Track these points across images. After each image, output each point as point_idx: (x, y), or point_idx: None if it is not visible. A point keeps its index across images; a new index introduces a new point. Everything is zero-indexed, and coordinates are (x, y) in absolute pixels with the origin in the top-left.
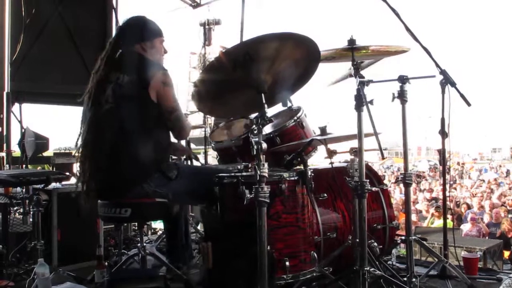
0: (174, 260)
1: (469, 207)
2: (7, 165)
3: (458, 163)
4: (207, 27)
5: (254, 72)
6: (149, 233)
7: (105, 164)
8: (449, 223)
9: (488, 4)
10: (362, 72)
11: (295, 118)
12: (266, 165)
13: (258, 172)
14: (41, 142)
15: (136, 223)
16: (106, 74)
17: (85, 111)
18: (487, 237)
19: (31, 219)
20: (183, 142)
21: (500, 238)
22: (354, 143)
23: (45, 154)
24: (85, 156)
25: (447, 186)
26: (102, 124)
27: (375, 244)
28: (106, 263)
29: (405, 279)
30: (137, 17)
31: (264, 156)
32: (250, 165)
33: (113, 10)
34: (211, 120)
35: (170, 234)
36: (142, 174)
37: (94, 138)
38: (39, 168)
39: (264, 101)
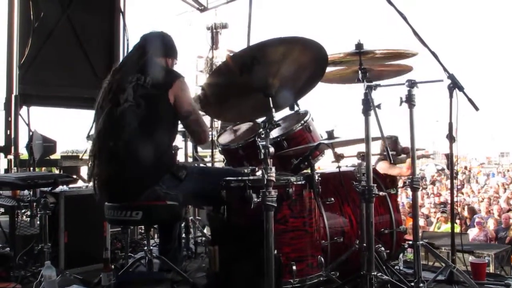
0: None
1: (474, 212)
2: (15, 168)
3: (466, 168)
4: (214, 30)
5: (261, 76)
6: (156, 236)
7: (120, 165)
8: (456, 228)
9: (496, 8)
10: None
11: (302, 122)
12: (273, 169)
13: (266, 176)
14: (49, 145)
15: (143, 226)
16: (127, 74)
17: (102, 107)
18: (496, 242)
19: (38, 222)
20: (190, 145)
21: (510, 244)
22: (362, 147)
23: (53, 157)
24: (99, 153)
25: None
26: (119, 122)
27: (382, 248)
28: (113, 266)
29: (412, 284)
30: (166, 34)
31: (271, 160)
32: (257, 169)
33: (120, 13)
34: (218, 123)
35: (165, 236)
36: (155, 176)
37: (110, 136)
38: (43, 169)
39: (271, 105)
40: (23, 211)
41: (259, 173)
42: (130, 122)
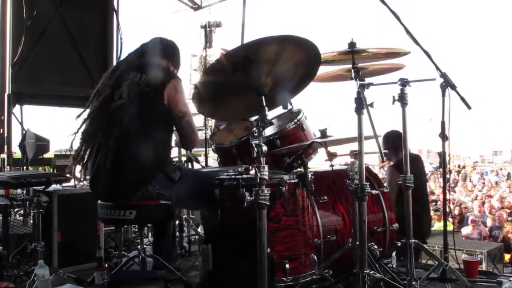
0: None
1: (461, 210)
2: (8, 167)
3: (459, 166)
4: (208, 29)
5: (255, 75)
6: (149, 235)
7: (111, 163)
8: (449, 226)
9: (488, 6)
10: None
11: (296, 120)
12: (266, 167)
13: (259, 174)
14: (42, 144)
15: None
16: (124, 72)
17: (94, 103)
18: (490, 240)
19: (31, 221)
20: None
21: (502, 242)
22: (354, 146)
23: (46, 155)
24: (89, 150)
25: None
26: (112, 118)
27: (375, 247)
28: (106, 265)
29: (405, 282)
30: (167, 39)
31: (264, 158)
32: (250, 168)
33: (114, 12)
34: (211, 122)
35: (158, 235)
36: (147, 176)
37: (100, 131)
38: (40, 169)
39: (264, 104)
40: (16, 210)
41: (252, 171)
42: (122, 119)
